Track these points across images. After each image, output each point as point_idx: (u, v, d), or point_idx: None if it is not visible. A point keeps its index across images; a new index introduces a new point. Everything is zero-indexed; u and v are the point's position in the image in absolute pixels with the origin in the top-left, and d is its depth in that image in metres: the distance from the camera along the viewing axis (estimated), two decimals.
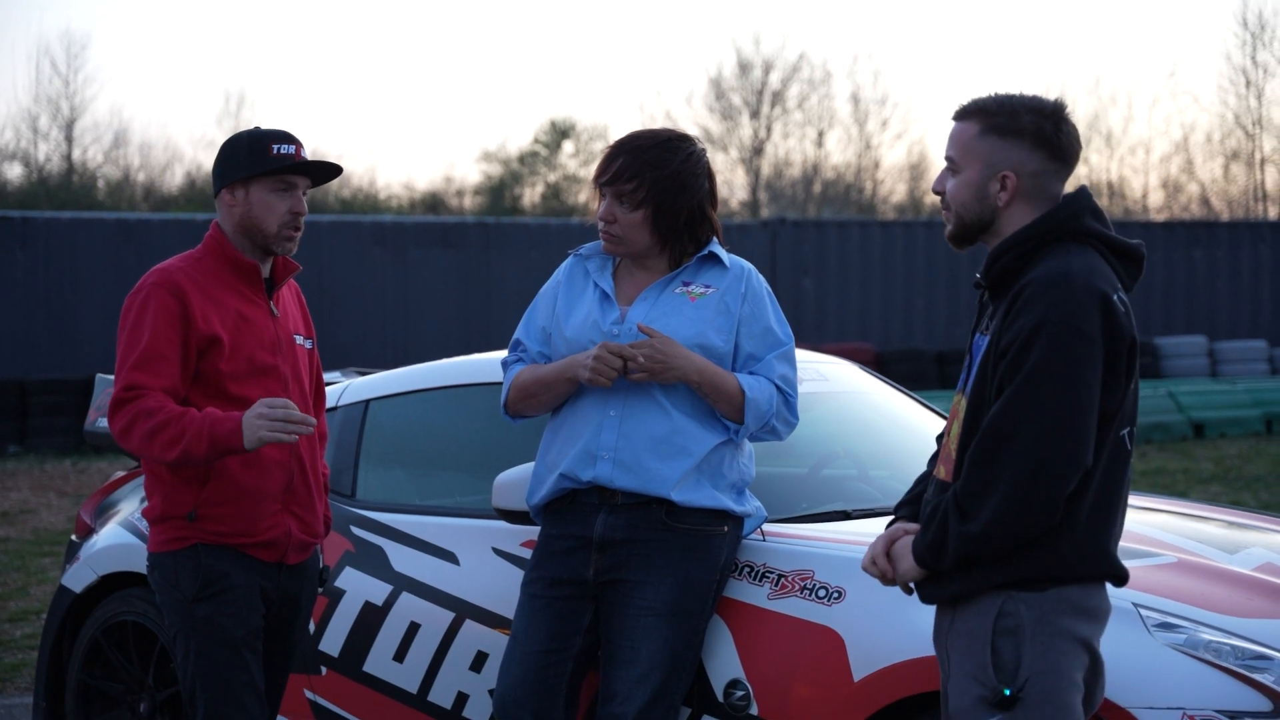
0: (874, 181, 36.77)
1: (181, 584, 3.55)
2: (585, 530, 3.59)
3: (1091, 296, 2.72)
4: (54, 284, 17.03)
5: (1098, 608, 2.83)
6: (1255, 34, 32.52)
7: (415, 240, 18.68)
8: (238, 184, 3.59)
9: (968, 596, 2.81)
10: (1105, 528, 2.80)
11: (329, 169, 3.66)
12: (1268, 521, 4.38)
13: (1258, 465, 13.65)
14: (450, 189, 36.23)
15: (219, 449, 3.41)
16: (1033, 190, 2.86)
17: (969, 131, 2.89)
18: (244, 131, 3.66)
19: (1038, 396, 2.70)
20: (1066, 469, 2.71)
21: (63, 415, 15.75)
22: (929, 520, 2.83)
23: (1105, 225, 2.86)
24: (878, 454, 4.57)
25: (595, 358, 3.49)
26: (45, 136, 32.24)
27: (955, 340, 20.43)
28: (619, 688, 3.51)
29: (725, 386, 3.53)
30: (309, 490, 3.68)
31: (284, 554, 3.64)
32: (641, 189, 3.57)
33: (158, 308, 3.49)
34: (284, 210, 3.59)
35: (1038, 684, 2.74)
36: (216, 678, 3.54)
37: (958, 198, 2.90)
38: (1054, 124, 2.85)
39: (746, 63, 35.86)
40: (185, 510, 3.54)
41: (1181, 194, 34.14)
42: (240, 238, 3.62)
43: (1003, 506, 2.71)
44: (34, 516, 11.18)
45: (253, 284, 3.63)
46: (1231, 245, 22.37)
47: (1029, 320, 2.72)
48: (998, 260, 2.85)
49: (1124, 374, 2.77)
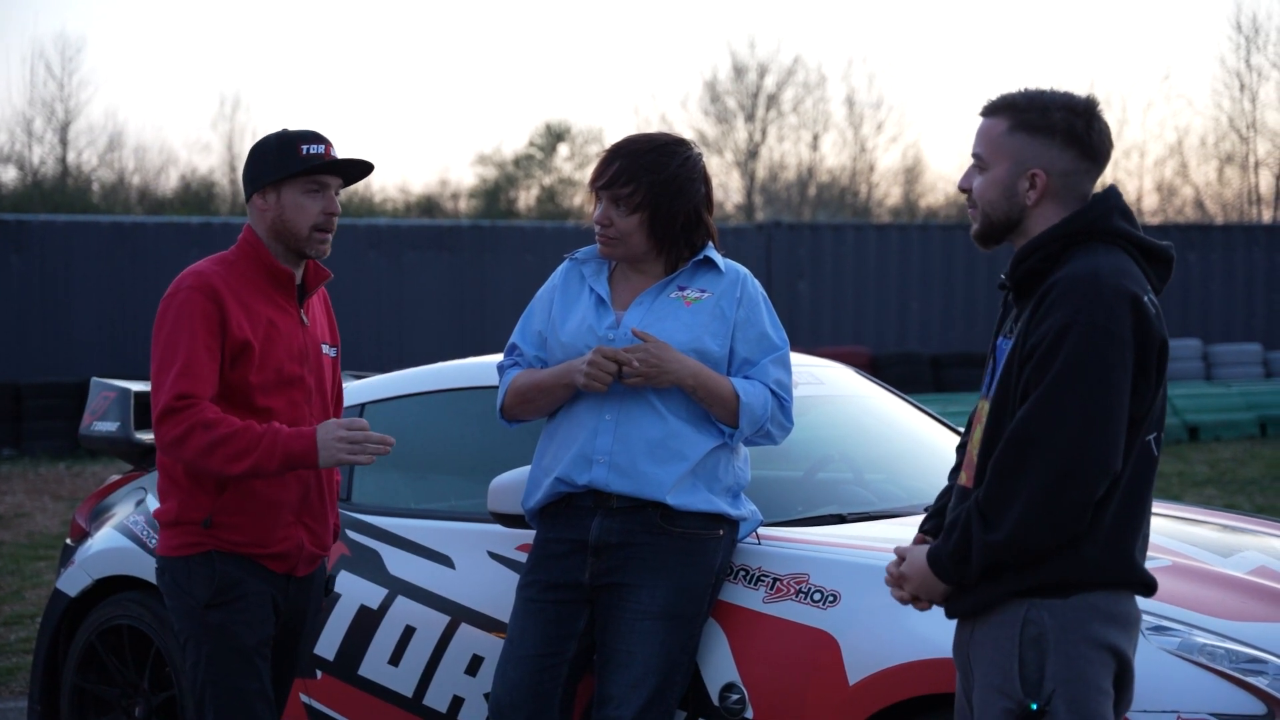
0: (869, 185, 36.80)
1: (194, 589, 3.51)
2: (581, 534, 3.59)
3: (1121, 297, 2.64)
4: (48, 287, 17.01)
5: (1126, 614, 2.74)
6: (1249, 37, 32.58)
7: (410, 243, 18.69)
8: (269, 188, 3.53)
9: (990, 605, 2.73)
10: (1131, 534, 2.72)
11: (361, 166, 3.60)
12: (1262, 525, 4.39)
13: (1252, 468, 13.66)
14: (445, 192, 36.26)
15: (291, 465, 3.39)
16: (1062, 189, 2.78)
17: (998, 128, 2.80)
18: (272, 134, 3.60)
19: (1066, 399, 2.61)
20: (1095, 474, 2.62)
21: (57, 419, 15.73)
22: (950, 529, 2.74)
23: (1135, 226, 2.78)
24: (873, 458, 4.58)
25: (590, 362, 3.48)
26: (40, 139, 32.24)
27: (950, 344, 20.44)
28: (614, 691, 3.51)
29: (719, 390, 3.53)
30: (323, 502, 3.66)
31: (294, 566, 3.62)
32: (638, 193, 3.57)
33: (197, 312, 3.44)
34: (317, 211, 3.54)
35: (1064, 694, 2.66)
36: (228, 685, 3.50)
37: (985, 196, 2.81)
38: (1086, 121, 2.77)
39: (741, 66, 35.92)
40: (201, 516, 3.51)
41: (1176, 197, 34.20)
42: (274, 242, 3.56)
43: (1028, 513, 2.62)
44: (29, 520, 11.17)
45: (286, 291, 3.58)
46: (1226, 249, 22.39)
47: (1057, 321, 2.64)
48: (1024, 261, 2.77)
49: (1154, 377, 2.69)
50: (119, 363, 16.30)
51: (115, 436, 4.89)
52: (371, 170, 3.64)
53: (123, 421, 4.87)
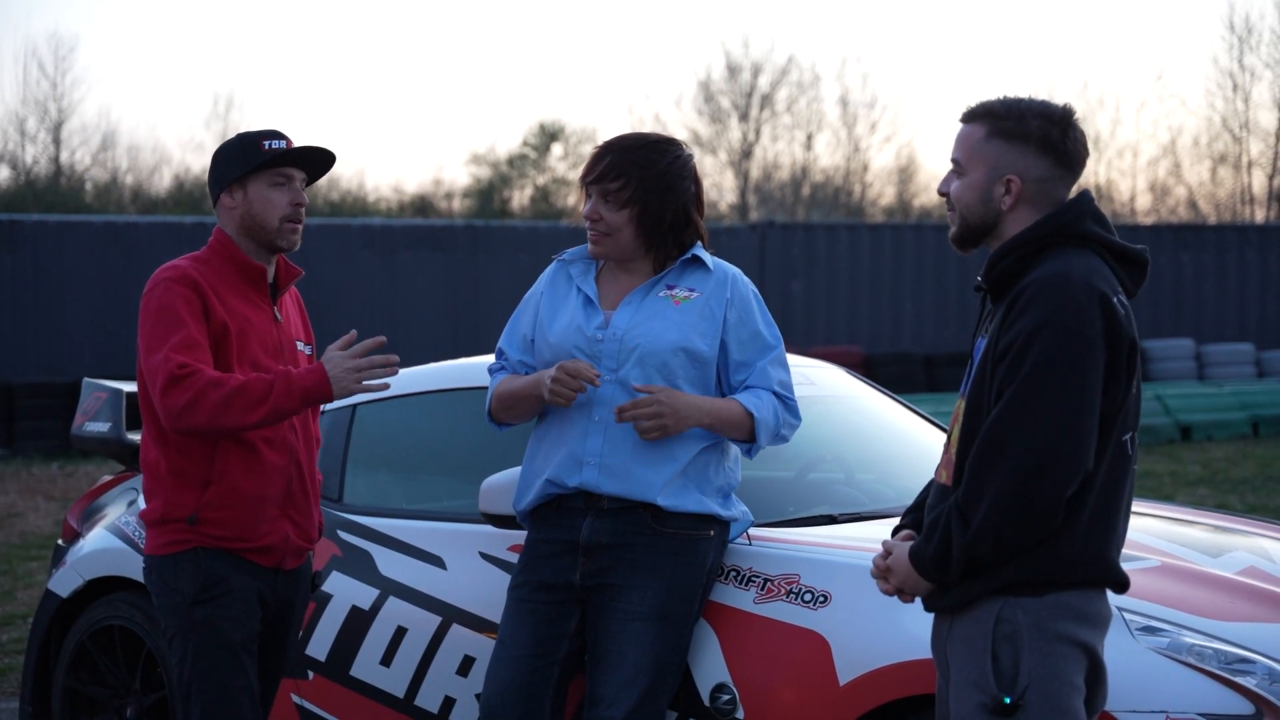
0: (863, 184, 36.80)
1: (181, 586, 3.54)
2: (572, 535, 3.59)
3: (1091, 298, 2.71)
4: (41, 287, 16.99)
5: (1098, 613, 2.81)
6: (1242, 38, 32.62)
7: (404, 243, 18.67)
8: (235, 185, 3.60)
9: (967, 602, 2.79)
10: (1106, 534, 2.78)
11: (323, 156, 3.66)
12: (1252, 525, 4.40)
13: (1244, 468, 13.68)
14: (439, 192, 36.21)
15: (309, 401, 3.47)
16: (1037, 195, 2.85)
17: (975, 134, 2.88)
18: (232, 137, 3.69)
19: (1037, 400, 2.68)
20: (1066, 472, 2.69)
21: (50, 419, 15.71)
22: (931, 530, 2.80)
23: (1108, 230, 2.84)
24: (864, 458, 4.58)
25: (554, 379, 3.50)
26: (33, 139, 32.17)
27: (943, 344, 20.45)
28: (605, 692, 3.51)
29: (733, 417, 3.55)
30: (307, 496, 3.69)
31: (281, 559, 3.64)
32: (627, 188, 3.58)
33: (180, 300, 3.49)
34: (284, 203, 3.60)
35: (1038, 690, 2.72)
36: (214, 681, 3.54)
37: (962, 199, 2.89)
38: (1061, 130, 2.84)
39: (735, 66, 35.89)
40: (186, 514, 3.54)
41: (1169, 197, 34.23)
42: (244, 239, 3.62)
43: (1002, 512, 2.69)
44: (21, 520, 11.15)
45: (258, 288, 3.63)
46: (1218, 249, 22.42)
47: (1028, 323, 2.71)
48: (998, 263, 2.84)
49: (1124, 377, 2.75)
50: (112, 363, 16.27)
51: (107, 437, 4.89)
52: (334, 161, 3.70)
53: (115, 422, 4.87)
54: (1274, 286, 22.57)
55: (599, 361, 3.57)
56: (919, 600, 2.94)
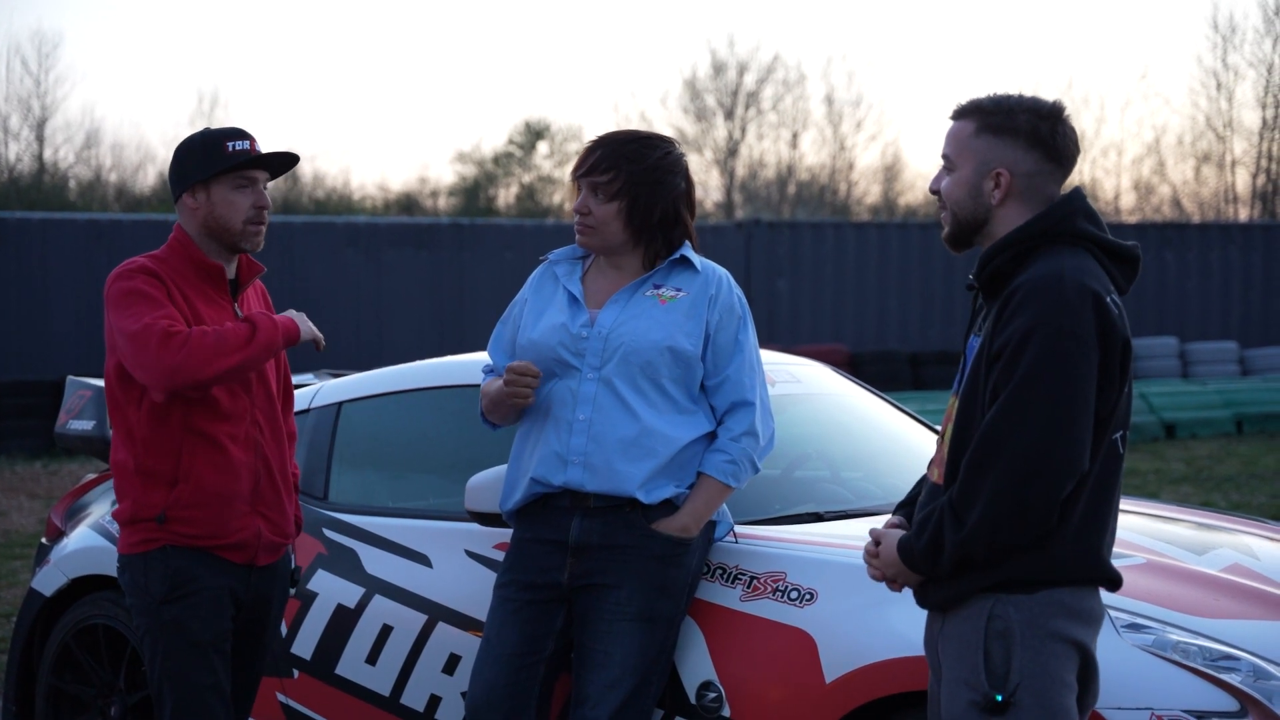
0: (848, 183, 36.88)
1: (150, 586, 3.55)
2: (560, 534, 3.59)
3: (1084, 298, 2.70)
4: (25, 285, 16.92)
5: (1090, 610, 2.80)
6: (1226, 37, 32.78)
7: (389, 241, 18.64)
8: (198, 186, 3.58)
9: (958, 600, 2.79)
10: (1098, 532, 2.78)
11: (286, 159, 3.65)
12: (1236, 523, 4.41)
13: (1228, 466, 13.73)
14: (425, 190, 36.19)
15: (289, 337, 3.58)
16: (1027, 190, 2.84)
17: (965, 130, 2.88)
18: (195, 134, 3.65)
19: (1032, 401, 2.67)
20: (1062, 474, 2.68)
21: (33, 417, 15.64)
22: (922, 526, 2.80)
23: (1100, 228, 2.83)
24: (850, 456, 4.59)
25: (506, 382, 3.54)
26: (16, 136, 32.09)
27: (929, 342, 20.49)
28: (591, 691, 3.51)
29: (717, 498, 3.59)
30: (277, 492, 3.69)
31: (254, 555, 3.64)
32: (617, 181, 3.58)
33: (144, 286, 3.50)
34: (247, 206, 3.59)
35: (1029, 687, 2.72)
36: (183, 679, 3.55)
37: (952, 196, 2.88)
38: (1051, 125, 2.83)
39: (721, 64, 35.95)
40: (155, 513, 3.55)
41: (1153, 196, 34.35)
42: (205, 239, 3.61)
43: (998, 513, 2.68)
44: (4, 519, 11.12)
45: (217, 286, 3.63)
46: (1202, 247, 22.49)
47: (1021, 324, 2.70)
48: (990, 262, 2.83)
49: (1117, 376, 2.75)
50: (95, 361, 16.21)
51: (91, 435, 4.87)
52: (297, 162, 3.68)
53: (99, 420, 4.85)
54: (1258, 285, 22.66)
55: (583, 359, 3.57)
56: (905, 597, 2.94)
